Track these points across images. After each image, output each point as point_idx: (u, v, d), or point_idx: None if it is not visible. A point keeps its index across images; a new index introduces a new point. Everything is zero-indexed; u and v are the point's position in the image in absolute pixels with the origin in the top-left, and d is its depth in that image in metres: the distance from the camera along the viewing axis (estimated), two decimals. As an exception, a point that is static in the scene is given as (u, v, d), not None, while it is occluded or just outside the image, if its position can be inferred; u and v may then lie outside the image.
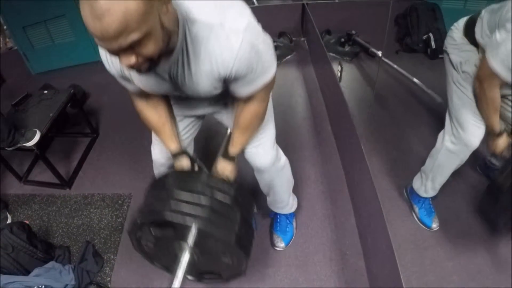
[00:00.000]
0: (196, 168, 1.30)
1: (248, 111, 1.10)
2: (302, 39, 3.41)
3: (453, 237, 1.66)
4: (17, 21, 3.23)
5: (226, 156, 1.25)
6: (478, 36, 1.30)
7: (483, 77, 1.24)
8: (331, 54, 3.02)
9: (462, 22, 1.40)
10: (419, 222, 1.74)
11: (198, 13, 0.85)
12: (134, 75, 0.99)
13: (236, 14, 0.88)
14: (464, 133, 1.42)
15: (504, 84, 1.22)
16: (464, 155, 1.49)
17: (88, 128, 2.55)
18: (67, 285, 1.61)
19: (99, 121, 2.73)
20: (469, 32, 1.35)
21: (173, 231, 1.06)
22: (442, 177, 1.62)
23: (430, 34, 2.90)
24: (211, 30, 0.85)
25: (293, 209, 1.70)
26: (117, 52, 0.73)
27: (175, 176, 1.17)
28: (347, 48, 3.11)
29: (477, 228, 1.69)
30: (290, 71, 3.04)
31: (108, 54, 0.93)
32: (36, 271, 1.61)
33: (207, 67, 0.91)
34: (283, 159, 1.45)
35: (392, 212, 1.78)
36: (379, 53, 2.80)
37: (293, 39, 3.33)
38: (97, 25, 0.66)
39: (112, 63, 0.98)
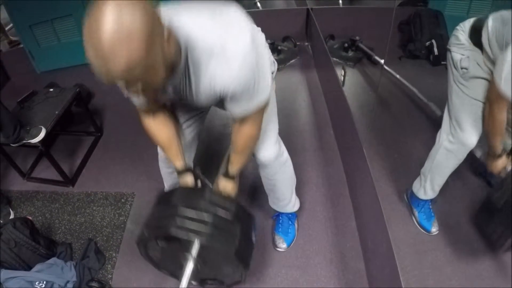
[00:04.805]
0: (200, 185, 1.35)
1: (243, 134, 1.14)
2: (306, 43, 3.43)
3: (453, 242, 1.67)
4: (24, 19, 3.25)
5: (227, 175, 1.29)
6: (484, 41, 1.29)
7: (492, 99, 1.25)
8: (334, 59, 3.03)
9: (468, 24, 1.37)
10: (418, 226, 1.75)
11: (198, 37, 0.86)
12: None
13: (236, 33, 0.89)
14: (462, 132, 1.44)
15: None
16: (462, 155, 1.50)
17: (93, 127, 2.57)
18: (68, 281, 1.62)
19: (103, 120, 2.75)
20: (474, 35, 1.34)
21: (178, 244, 1.12)
22: (440, 178, 1.63)
23: (433, 41, 2.92)
24: (212, 53, 0.87)
25: (295, 208, 1.71)
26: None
27: (180, 193, 1.24)
28: (350, 54, 3.13)
29: (476, 233, 1.69)
30: (294, 75, 3.06)
31: None
32: (38, 266, 1.62)
33: (207, 87, 0.94)
34: (286, 154, 1.49)
35: (393, 216, 1.79)
36: (382, 61, 2.81)
37: (297, 43, 3.35)
38: (102, 69, 0.70)
39: None
